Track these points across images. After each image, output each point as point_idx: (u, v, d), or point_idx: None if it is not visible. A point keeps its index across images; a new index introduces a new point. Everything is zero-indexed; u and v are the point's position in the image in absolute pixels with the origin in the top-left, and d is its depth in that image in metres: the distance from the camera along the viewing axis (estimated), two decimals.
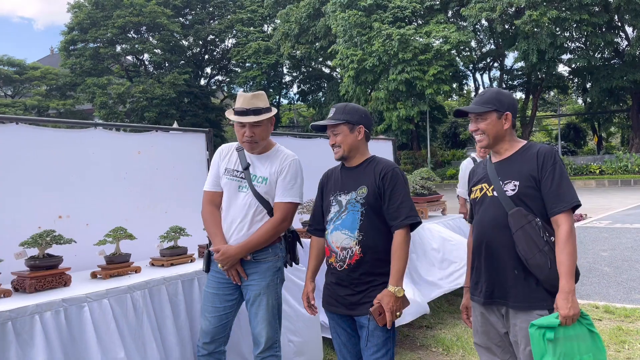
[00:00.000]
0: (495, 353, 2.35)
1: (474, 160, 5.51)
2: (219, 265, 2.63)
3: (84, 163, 3.36)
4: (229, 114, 2.70)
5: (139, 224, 3.32)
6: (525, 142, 2.34)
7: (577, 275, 2.20)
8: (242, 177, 2.68)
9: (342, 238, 2.40)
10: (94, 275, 2.86)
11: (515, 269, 2.20)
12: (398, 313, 2.30)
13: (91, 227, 3.23)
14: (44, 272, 2.55)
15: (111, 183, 3.49)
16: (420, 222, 2.40)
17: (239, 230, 2.65)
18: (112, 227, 3.01)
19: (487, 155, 2.48)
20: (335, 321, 2.52)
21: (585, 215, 11.20)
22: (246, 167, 2.69)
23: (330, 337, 2.70)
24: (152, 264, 3.17)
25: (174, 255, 3.14)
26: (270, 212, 2.68)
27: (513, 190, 2.22)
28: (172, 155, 3.89)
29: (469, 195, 2.46)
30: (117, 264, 2.86)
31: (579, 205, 2.17)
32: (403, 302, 2.33)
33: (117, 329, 2.53)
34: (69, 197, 3.24)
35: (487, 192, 2.32)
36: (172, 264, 3.10)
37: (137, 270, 2.94)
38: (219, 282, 2.70)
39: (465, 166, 5.52)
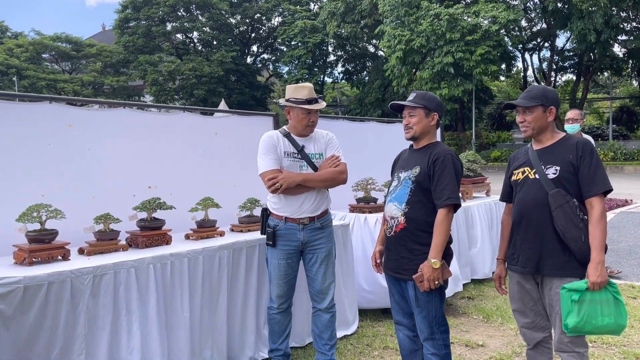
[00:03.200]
0: (528, 316, 2.73)
1: None
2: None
3: (170, 141, 3.86)
4: (295, 104, 3.11)
5: (212, 196, 3.78)
6: (564, 133, 2.70)
7: (605, 249, 2.56)
8: (300, 158, 3.15)
9: (393, 209, 2.77)
10: (187, 237, 3.39)
11: (552, 242, 2.57)
12: (437, 282, 2.57)
13: (174, 196, 3.75)
14: (152, 232, 3.10)
15: (191, 159, 3.98)
16: (459, 205, 2.67)
17: (309, 200, 3.12)
18: (191, 197, 3.52)
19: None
20: (390, 282, 2.92)
21: (631, 200, 11.17)
22: (301, 149, 3.16)
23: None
24: (232, 230, 3.68)
25: (250, 222, 3.63)
26: None
27: (554, 174, 2.57)
28: (242, 137, 4.35)
29: (510, 178, 2.82)
30: (206, 228, 3.39)
31: (610, 190, 2.52)
32: (443, 272, 2.59)
33: (201, 280, 3.06)
34: (157, 170, 3.75)
35: (529, 174, 2.67)
36: (249, 230, 3.60)
37: (221, 234, 3.46)
38: (288, 252, 3.15)
39: None
